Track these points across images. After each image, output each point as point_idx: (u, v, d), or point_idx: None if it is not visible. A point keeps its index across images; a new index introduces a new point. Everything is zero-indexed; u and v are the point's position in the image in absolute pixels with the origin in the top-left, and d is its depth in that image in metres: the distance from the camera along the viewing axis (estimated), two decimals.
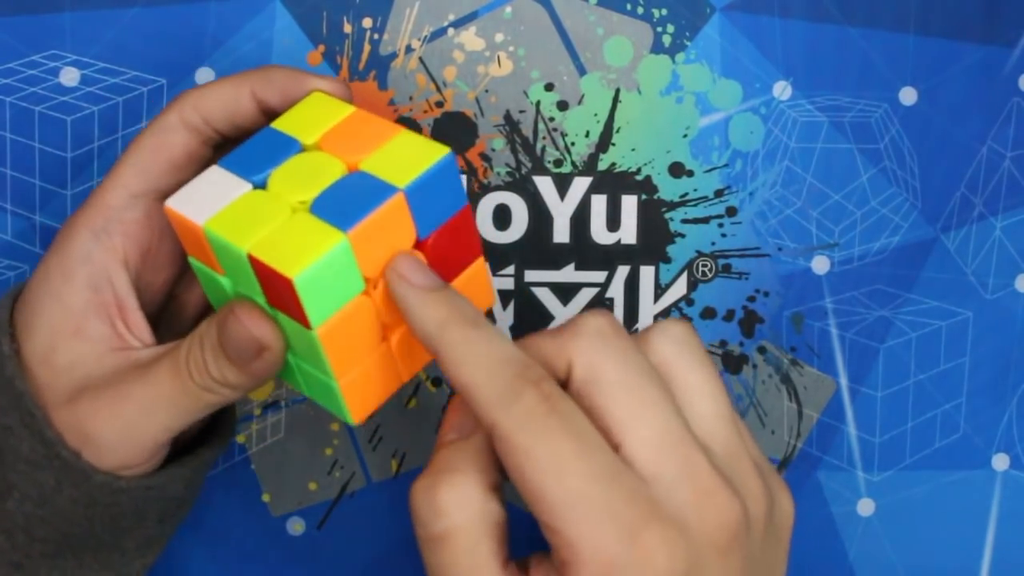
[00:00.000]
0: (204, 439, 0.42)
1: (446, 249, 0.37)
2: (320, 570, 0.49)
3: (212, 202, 0.35)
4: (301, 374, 0.38)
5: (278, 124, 0.37)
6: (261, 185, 0.36)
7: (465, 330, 0.34)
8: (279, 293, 0.34)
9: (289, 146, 0.36)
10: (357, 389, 0.37)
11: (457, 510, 0.34)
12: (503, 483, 0.36)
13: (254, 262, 0.34)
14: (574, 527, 0.32)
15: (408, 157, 0.35)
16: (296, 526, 0.49)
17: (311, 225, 0.34)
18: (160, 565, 0.48)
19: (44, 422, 0.37)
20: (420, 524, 0.34)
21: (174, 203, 0.36)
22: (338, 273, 0.34)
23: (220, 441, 0.42)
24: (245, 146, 0.37)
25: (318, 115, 0.37)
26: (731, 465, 0.35)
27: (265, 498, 0.49)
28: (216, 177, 0.36)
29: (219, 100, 0.38)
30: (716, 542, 0.33)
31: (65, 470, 0.37)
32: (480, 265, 0.38)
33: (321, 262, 0.33)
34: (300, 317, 0.34)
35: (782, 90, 0.49)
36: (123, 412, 0.37)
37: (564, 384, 0.35)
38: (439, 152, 0.35)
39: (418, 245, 0.36)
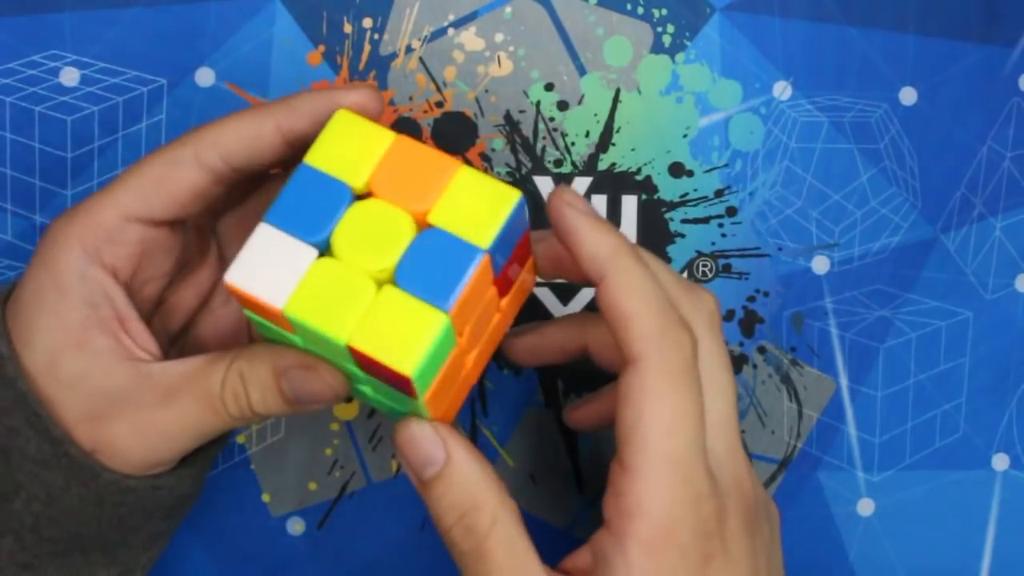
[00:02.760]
0: None
1: (508, 272, 0.37)
2: (320, 570, 0.49)
3: (280, 275, 0.33)
4: (377, 401, 0.38)
5: (313, 160, 0.35)
6: (324, 246, 0.34)
7: (635, 260, 0.36)
8: (384, 376, 0.34)
9: (339, 193, 0.34)
10: (442, 412, 0.38)
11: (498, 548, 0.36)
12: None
13: (356, 352, 0.33)
14: (657, 483, 0.35)
15: (479, 204, 0.34)
16: (296, 526, 0.49)
17: (405, 305, 0.33)
18: (160, 565, 0.48)
19: (50, 421, 0.37)
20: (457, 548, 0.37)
21: (237, 279, 0.34)
22: (442, 348, 0.34)
23: (224, 438, 0.42)
24: (287, 194, 0.34)
25: (355, 145, 0.35)
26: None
27: (265, 498, 0.49)
28: (271, 240, 0.34)
29: (241, 138, 0.37)
30: (744, 522, 0.37)
31: (73, 468, 0.37)
32: (530, 265, 0.39)
33: (431, 350, 0.33)
34: (408, 392, 0.34)
35: (782, 90, 0.49)
36: (147, 437, 0.37)
37: None
38: (511, 198, 0.34)
39: (493, 279, 0.35)
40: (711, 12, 0.48)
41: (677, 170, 0.49)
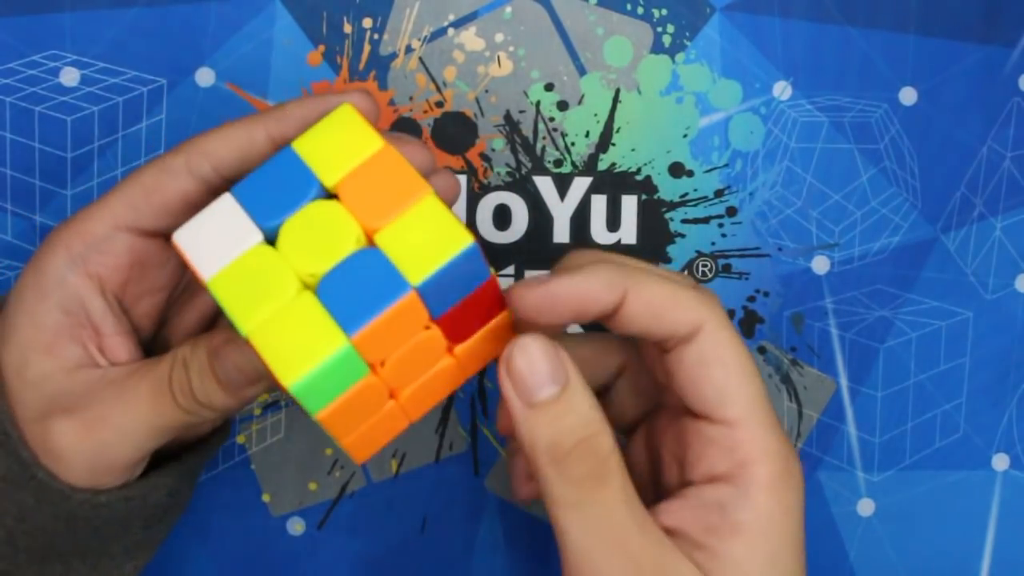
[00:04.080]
0: (192, 445, 0.41)
1: (461, 319, 0.35)
2: (320, 570, 0.49)
3: (220, 247, 0.33)
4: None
5: (299, 146, 0.35)
6: (272, 233, 0.34)
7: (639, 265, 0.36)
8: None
9: (307, 184, 0.34)
10: (360, 442, 0.36)
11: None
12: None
13: (253, 349, 0.33)
14: (763, 428, 0.36)
15: (428, 240, 0.33)
16: (296, 526, 0.49)
17: (315, 318, 0.32)
18: (160, 565, 0.48)
19: (19, 442, 0.37)
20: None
21: (182, 238, 0.34)
22: (339, 371, 0.33)
23: (208, 448, 0.42)
24: (262, 172, 0.34)
25: (343, 143, 0.34)
26: None
27: (265, 498, 0.49)
28: (227, 212, 0.34)
29: (231, 147, 0.37)
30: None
31: (43, 490, 0.37)
32: (504, 318, 0.37)
33: (319, 369, 0.32)
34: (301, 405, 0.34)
35: (782, 90, 0.49)
36: (97, 435, 0.36)
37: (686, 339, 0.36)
38: (461, 242, 0.33)
39: (432, 320, 0.34)
40: (711, 12, 0.48)
41: (677, 170, 0.49)
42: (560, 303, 0.35)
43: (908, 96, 0.49)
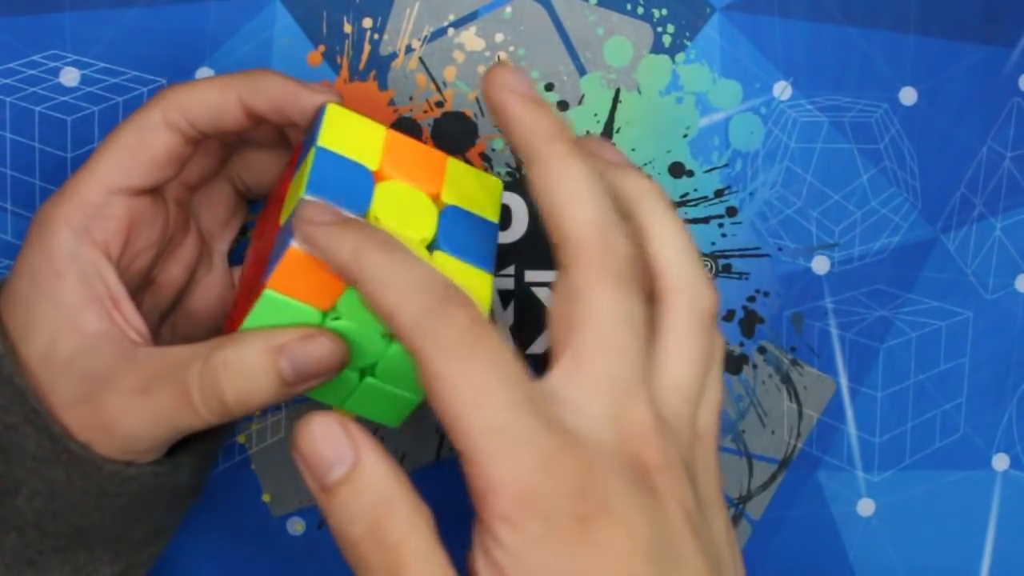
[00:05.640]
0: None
1: None
2: (320, 570, 0.49)
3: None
4: (359, 394, 0.39)
5: (327, 143, 0.38)
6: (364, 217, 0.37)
7: (382, 254, 0.32)
8: None
9: (363, 173, 0.38)
10: None
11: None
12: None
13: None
14: (490, 456, 0.30)
15: (477, 189, 0.40)
16: (296, 526, 0.49)
17: (459, 268, 0.38)
18: (160, 565, 0.48)
19: (48, 417, 0.37)
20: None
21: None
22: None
23: (227, 428, 0.42)
24: (317, 172, 0.37)
25: (356, 136, 0.38)
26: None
27: (265, 498, 0.49)
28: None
29: (205, 103, 0.38)
30: (632, 475, 0.31)
31: (74, 463, 0.37)
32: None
33: (488, 306, 0.38)
34: None
35: (782, 90, 0.49)
36: (125, 424, 0.37)
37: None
38: (498, 183, 0.41)
39: None
40: (711, 12, 0.48)
41: (677, 170, 0.49)
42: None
43: (908, 96, 0.49)
